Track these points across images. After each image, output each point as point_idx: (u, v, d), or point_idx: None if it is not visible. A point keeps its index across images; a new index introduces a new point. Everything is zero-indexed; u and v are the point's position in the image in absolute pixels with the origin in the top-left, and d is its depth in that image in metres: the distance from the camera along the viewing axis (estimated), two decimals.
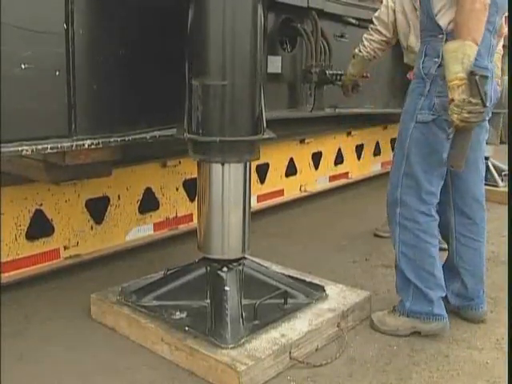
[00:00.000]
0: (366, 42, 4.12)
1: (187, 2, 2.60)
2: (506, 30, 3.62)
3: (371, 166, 6.38)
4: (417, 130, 2.76)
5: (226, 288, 2.68)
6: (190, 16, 2.60)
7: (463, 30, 2.47)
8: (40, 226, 3.34)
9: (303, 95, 4.59)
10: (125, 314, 2.78)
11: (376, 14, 4.17)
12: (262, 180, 4.84)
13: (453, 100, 2.42)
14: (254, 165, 4.08)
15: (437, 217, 2.87)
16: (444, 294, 2.88)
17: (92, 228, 3.61)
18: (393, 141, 6.44)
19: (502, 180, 6.01)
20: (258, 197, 4.81)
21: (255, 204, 4.70)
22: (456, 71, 2.41)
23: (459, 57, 2.41)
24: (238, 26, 2.54)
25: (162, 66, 2.82)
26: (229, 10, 2.51)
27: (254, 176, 4.65)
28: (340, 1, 4.94)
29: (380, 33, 4.13)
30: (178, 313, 2.68)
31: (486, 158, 6.13)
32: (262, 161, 4.47)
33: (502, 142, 6.39)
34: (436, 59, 2.67)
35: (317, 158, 5.49)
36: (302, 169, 5.30)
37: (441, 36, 2.65)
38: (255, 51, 2.61)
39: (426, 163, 2.77)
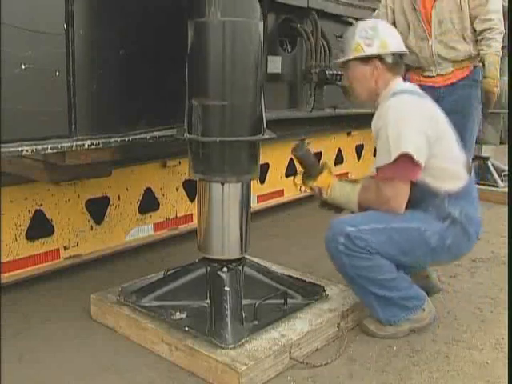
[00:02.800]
0: None
1: (187, 2, 2.61)
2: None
3: (371, 166, 6.35)
4: None
5: (226, 288, 2.69)
6: (190, 37, 2.61)
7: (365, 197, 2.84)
8: (40, 227, 3.34)
9: (303, 95, 4.60)
10: (125, 315, 2.77)
11: (375, 14, 4.17)
12: (262, 180, 4.84)
13: None
14: None
15: None
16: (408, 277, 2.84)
17: (92, 228, 3.61)
18: None
19: (502, 180, 6.01)
20: (258, 197, 4.80)
21: (255, 204, 4.70)
22: None
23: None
24: (237, 48, 2.55)
25: (162, 66, 2.82)
26: (228, 32, 2.52)
27: None
28: (340, 1, 4.95)
29: None
30: (177, 313, 2.68)
31: (486, 159, 6.20)
32: (262, 161, 4.49)
33: (501, 143, 6.40)
34: None
35: (317, 158, 5.47)
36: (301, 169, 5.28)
37: None
38: (255, 72, 2.63)
39: None
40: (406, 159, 2.62)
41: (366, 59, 2.81)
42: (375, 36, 2.79)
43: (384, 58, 2.81)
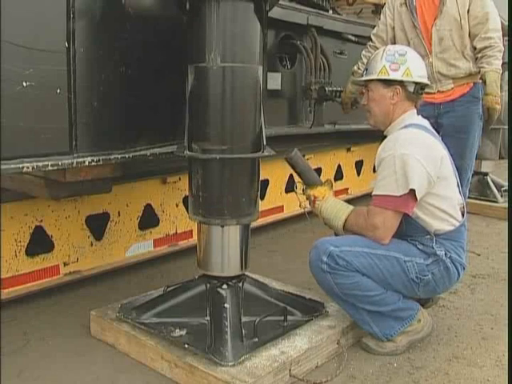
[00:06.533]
0: (364, 60, 4.14)
1: (188, 20, 2.63)
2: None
3: (371, 182, 6.37)
4: None
5: (226, 305, 2.68)
6: (190, 81, 2.64)
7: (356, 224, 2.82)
8: (40, 243, 3.34)
9: (303, 112, 4.62)
10: (124, 331, 2.77)
11: (374, 31, 4.19)
12: (262, 196, 4.84)
13: None
14: None
15: None
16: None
17: (92, 244, 3.61)
18: None
19: (502, 196, 6.02)
20: None
21: None
22: None
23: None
24: (237, 94, 2.58)
25: (163, 83, 2.83)
26: (228, 78, 2.55)
27: None
28: (339, 18, 4.98)
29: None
30: (177, 330, 2.67)
31: (486, 174, 6.21)
32: (261, 177, 4.51)
33: (501, 158, 6.42)
34: None
35: (316, 174, 5.47)
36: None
37: None
38: (254, 116, 2.66)
39: None
40: (410, 194, 2.65)
41: (388, 82, 2.85)
42: (403, 62, 2.83)
43: (406, 86, 2.85)
